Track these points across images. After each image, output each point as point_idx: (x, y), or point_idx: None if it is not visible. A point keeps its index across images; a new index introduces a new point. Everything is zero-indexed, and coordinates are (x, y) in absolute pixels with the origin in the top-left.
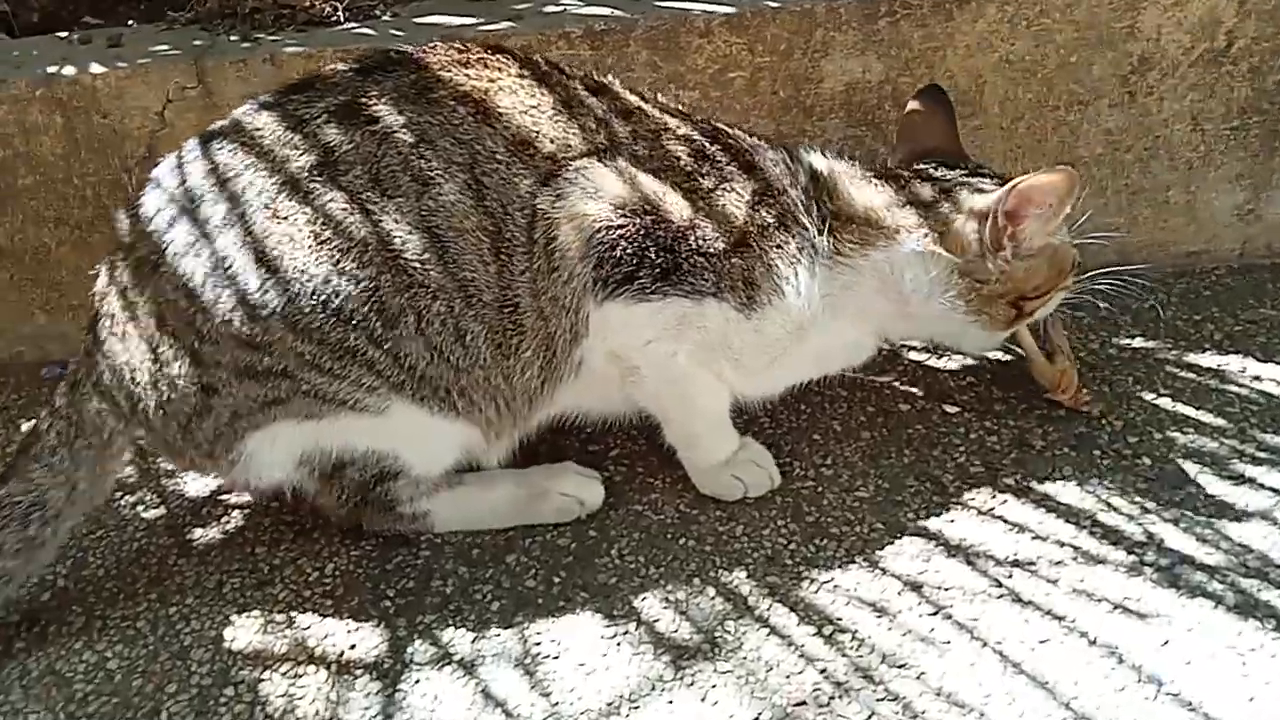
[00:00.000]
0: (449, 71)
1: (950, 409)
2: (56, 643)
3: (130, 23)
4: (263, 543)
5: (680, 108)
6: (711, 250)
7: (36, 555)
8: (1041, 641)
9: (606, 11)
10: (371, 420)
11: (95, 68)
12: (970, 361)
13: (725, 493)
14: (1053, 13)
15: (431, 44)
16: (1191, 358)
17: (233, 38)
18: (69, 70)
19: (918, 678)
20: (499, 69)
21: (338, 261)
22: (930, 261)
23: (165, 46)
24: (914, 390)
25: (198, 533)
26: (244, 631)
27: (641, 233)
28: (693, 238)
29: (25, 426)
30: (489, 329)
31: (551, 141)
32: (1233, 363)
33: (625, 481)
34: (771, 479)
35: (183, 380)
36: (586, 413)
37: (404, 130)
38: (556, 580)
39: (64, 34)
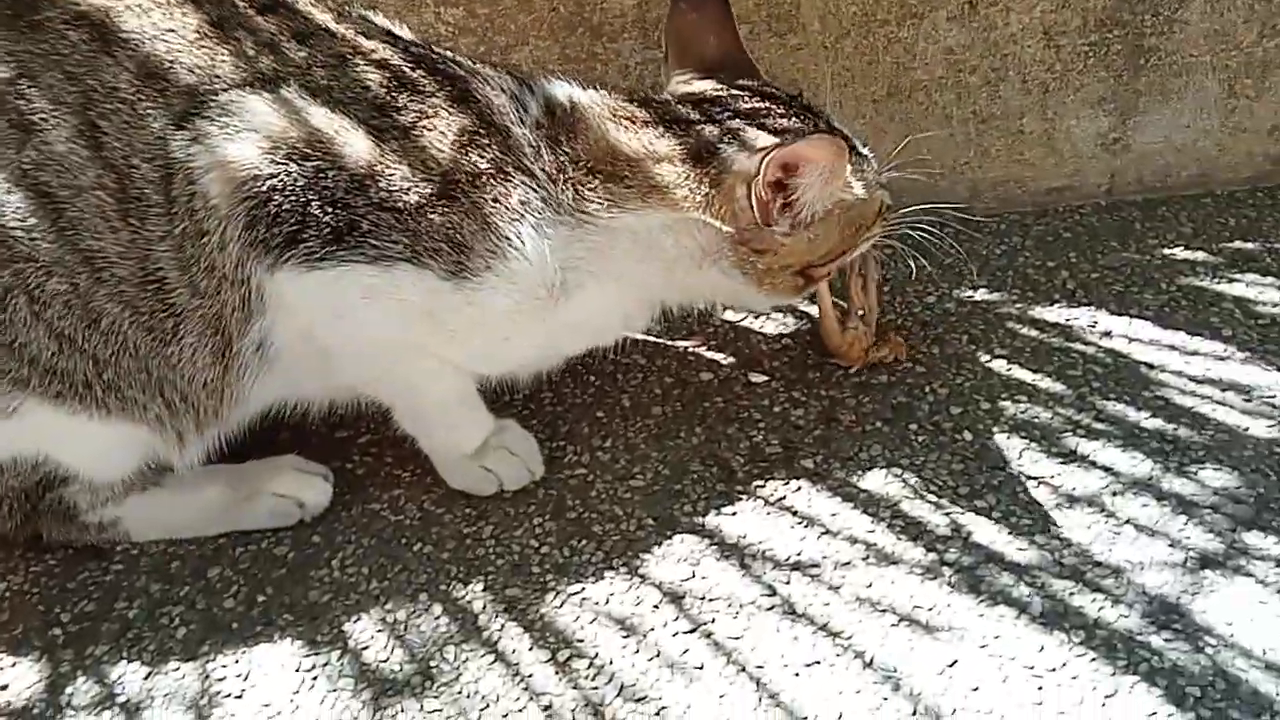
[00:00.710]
0: None
1: (757, 378)
2: None
3: None
4: None
5: (391, 29)
6: (401, 203)
7: None
8: (809, 665)
9: None
10: (2, 423)
11: None
12: (789, 319)
13: (476, 487)
14: None
15: None
16: (1038, 311)
17: None
18: None
19: (656, 714)
20: None
21: None
22: (696, 229)
23: None
24: (719, 356)
25: None
26: None
27: (301, 182)
28: (374, 188)
29: None
30: (132, 310)
31: (192, 72)
32: (1082, 316)
33: (369, 474)
34: (531, 470)
35: None
36: (307, 401)
37: None
38: (260, 599)
39: None
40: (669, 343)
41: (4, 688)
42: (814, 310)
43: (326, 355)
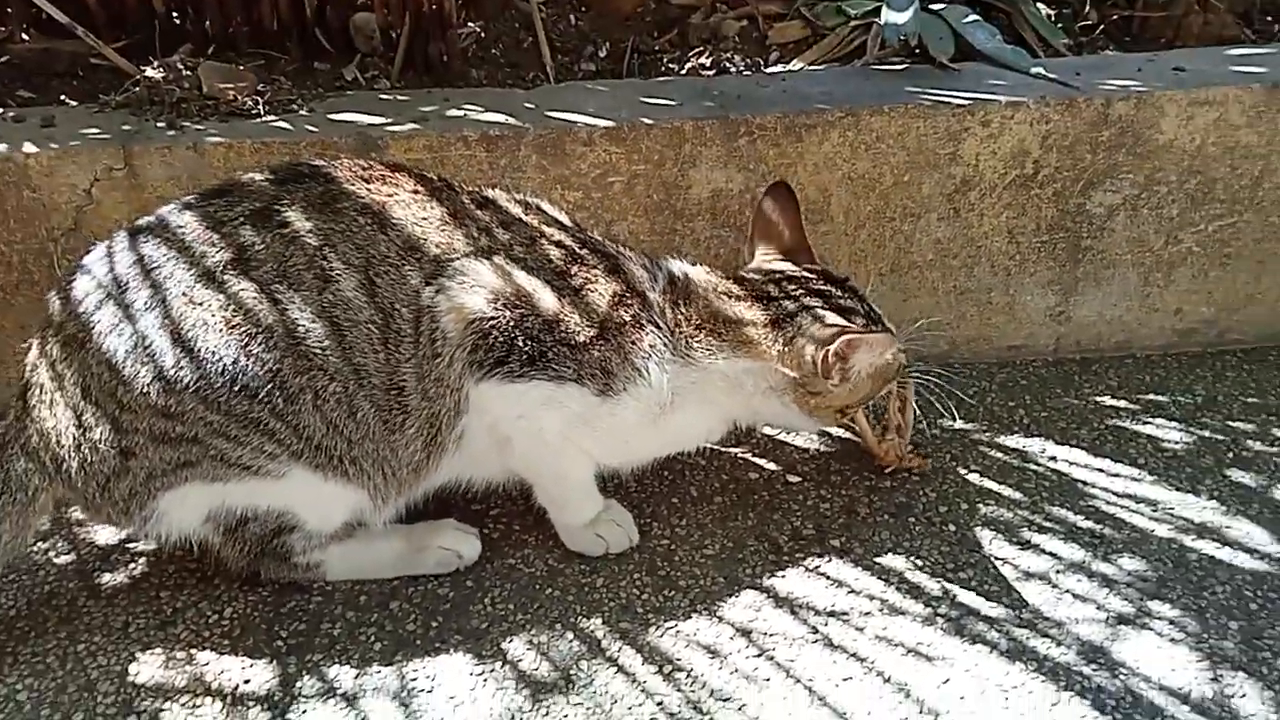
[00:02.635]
0: (353, 185)
1: (792, 479)
2: None
3: (63, 97)
4: (167, 587)
5: (560, 219)
6: (574, 341)
7: None
8: (845, 679)
9: (501, 119)
10: (272, 483)
11: (29, 147)
12: (814, 438)
13: (589, 549)
14: (887, 139)
15: (338, 158)
16: (1002, 439)
17: (159, 124)
18: (2, 147)
19: (739, 709)
20: (396, 185)
21: (246, 344)
22: (770, 374)
23: (95, 130)
24: (762, 461)
25: (106, 577)
26: (147, 667)
27: (512, 323)
28: (558, 329)
29: None
30: (377, 407)
31: (437, 246)
32: (1035, 445)
33: (501, 538)
34: (630, 538)
35: (103, 444)
36: (470, 481)
37: (311, 234)
38: (434, 625)
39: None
40: (723, 449)
41: (247, 681)
42: (839, 432)
43: (502, 445)
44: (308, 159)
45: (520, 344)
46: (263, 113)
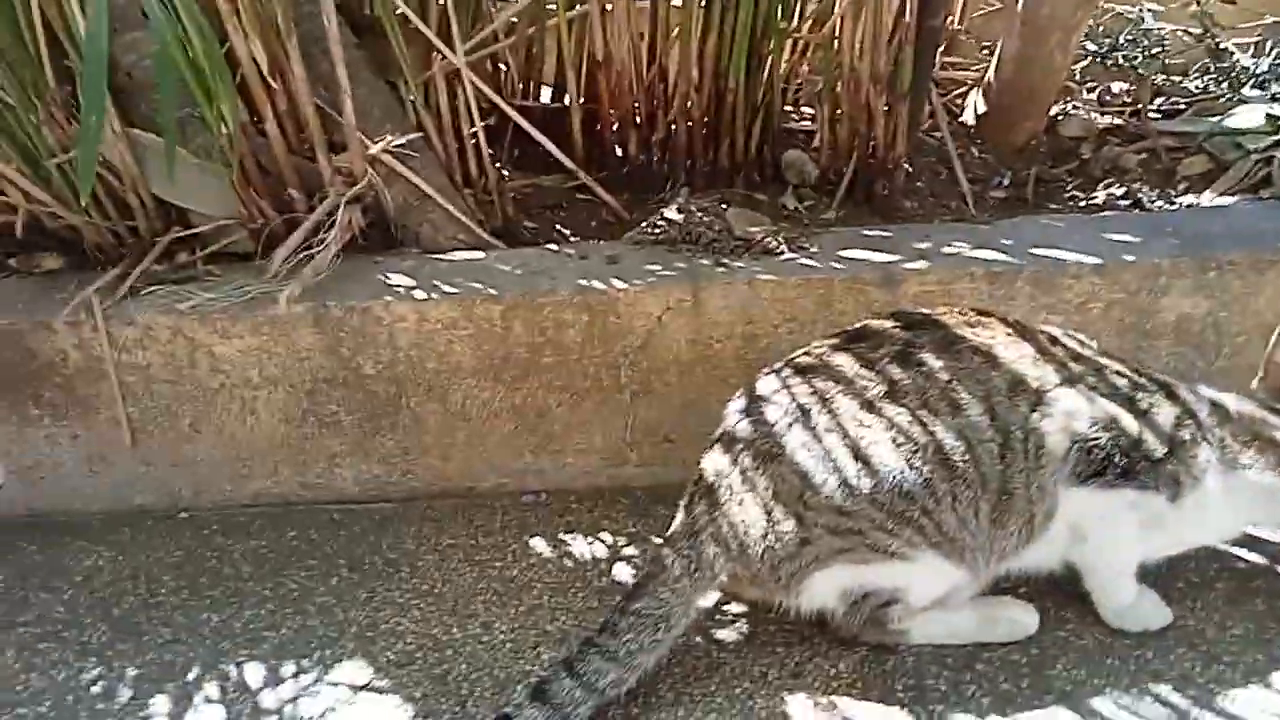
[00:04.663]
0: (962, 330)
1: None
2: (659, 710)
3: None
4: (778, 644)
5: (1104, 350)
6: (1154, 456)
7: (654, 655)
8: None
9: (995, 256)
10: (904, 566)
11: (617, 283)
12: None
13: (1130, 626)
14: None
15: (940, 309)
16: None
17: (704, 261)
18: (598, 284)
19: None
20: (993, 330)
21: (908, 459)
22: None
23: (657, 265)
24: (1241, 551)
25: (721, 633)
26: (798, 709)
27: (1110, 441)
28: (1143, 446)
29: (533, 541)
30: (992, 507)
31: (1035, 379)
32: None
33: (1041, 614)
34: (1165, 616)
35: (787, 535)
36: (1022, 567)
37: (942, 371)
38: (1023, 685)
39: (553, 247)
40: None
41: None
42: None
43: (1075, 539)
44: (918, 309)
45: (1116, 459)
46: (785, 251)
